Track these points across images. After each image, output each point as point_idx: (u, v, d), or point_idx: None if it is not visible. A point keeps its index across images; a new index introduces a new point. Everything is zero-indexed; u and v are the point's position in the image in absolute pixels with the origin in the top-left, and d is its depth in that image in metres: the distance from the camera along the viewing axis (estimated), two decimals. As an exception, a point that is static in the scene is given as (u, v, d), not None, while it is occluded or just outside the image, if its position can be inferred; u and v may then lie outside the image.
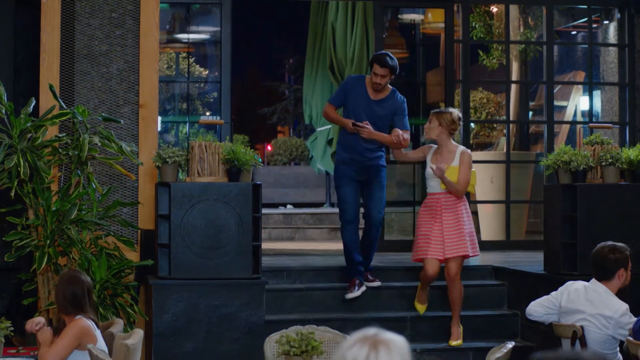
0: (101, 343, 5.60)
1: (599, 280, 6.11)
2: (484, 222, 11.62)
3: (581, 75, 12.51)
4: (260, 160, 7.94)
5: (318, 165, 14.32)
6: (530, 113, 13.17)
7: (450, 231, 7.67)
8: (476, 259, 8.85)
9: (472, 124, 12.13)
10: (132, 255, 7.99)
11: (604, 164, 7.91)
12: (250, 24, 24.38)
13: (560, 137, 12.18)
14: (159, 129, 9.12)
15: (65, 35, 8.26)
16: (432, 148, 7.87)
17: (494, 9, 12.41)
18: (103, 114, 8.03)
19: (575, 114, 12.84)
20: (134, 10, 8.36)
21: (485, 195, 11.41)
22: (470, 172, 7.75)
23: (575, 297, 6.14)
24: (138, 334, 5.70)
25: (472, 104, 11.87)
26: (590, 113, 11.76)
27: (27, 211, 7.61)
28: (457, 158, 7.71)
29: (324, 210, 16.44)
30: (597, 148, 8.01)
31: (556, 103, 11.90)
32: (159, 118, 9.12)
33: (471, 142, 11.50)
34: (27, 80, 8.54)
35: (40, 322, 5.68)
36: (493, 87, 12.98)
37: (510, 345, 5.47)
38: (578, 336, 6.02)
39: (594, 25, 11.78)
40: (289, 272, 8.53)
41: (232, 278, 7.67)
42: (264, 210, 10.20)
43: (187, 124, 11.62)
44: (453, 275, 7.74)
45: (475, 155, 7.93)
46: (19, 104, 8.01)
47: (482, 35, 12.36)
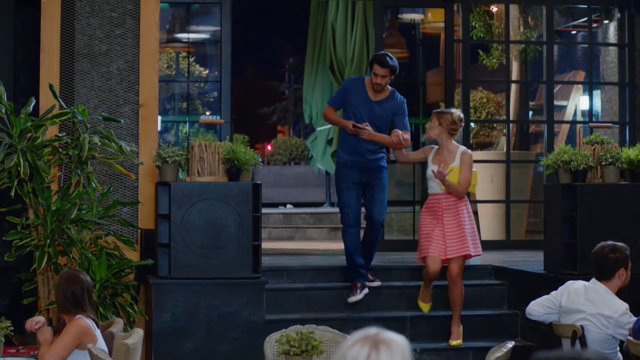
0: (101, 342, 5.60)
1: (599, 280, 6.11)
2: (484, 222, 11.61)
3: (581, 75, 12.51)
4: (260, 159, 7.94)
5: (318, 165, 14.32)
6: (530, 113, 13.16)
7: (451, 232, 7.67)
8: (477, 258, 8.84)
9: (472, 124, 12.13)
10: (132, 255, 7.99)
11: (604, 163, 7.90)
12: (250, 23, 24.36)
13: (560, 136, 12.18)
14: (159, 128, 9.12)
15: (65, 34, 8.26)
16: (434, 149, 7.86)
17: (494, 8, 12.41)
18: (103, 114, 8.03)
19: (575, 114, 12.84)
20: (134, 9, 8.36)
21: (485, 194, 11.41)
22: (471, 173, 7.74)
23: (575, 297, 6.13)
24: (138, 334, 5.70)
25: (472, 104, 11.86)
26: (590, 113, 11.76)
27: (27, 211, 7.61)
28: (458, 158, 7.71)
29: (324, 209, 16.43)
30: (597, 148, 8.01)
31: (556, 103, 11.89)
32: (159, 118, 9.12)
33: (471, 141, 11.50)
34: (27, 79, 8.54)
35: (40, 321, 5.68)
36: (493, 87, 12.98)
37: (510, 344, 5.47)
38: (578, 336, 6.01)
39: (594, 25, 11.78)
40: (289, 272, 8.53)
41: (232, 278, 7.67)
42: (264, 210, 10.19)
43: (187, 123, 11.62)
44: (455, 275, 7.74)
45: (475, 155, 7.92)
46: (19, 103, 8.01)
47: (482, 35, 12.35)
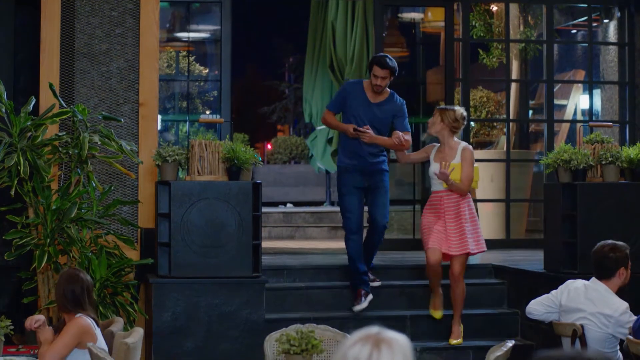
0: (101, 341, 5.60)
1: (599, 279, 6.11)
2: (484, 221, 11.59)
3: (581, 74, 12.50)
4: (260, 159, 7.94)
5: (318, 164, 14.31)
6: (530, 112, 13.16)
7: (452, 229, 7.65)
8: (477, 257, 8.85)
9: (472, 123, 12.12)
10: (132, 254, 7.99)
11: (604, 162, 7.90)
12: (250, 22, 24.35)
13: (560, 135, 12.17)
14: (159, 127, 9.12)
15: (65, 33, 8.26)
16: (435, 147, 7.85)
17: (494, 7, 12.40)
18: (103, 113, 8.03)
19: (575, 113, 12.83)
20: (134, 8, 8.35)
21: (485, 193, 11.41)
22: (473, 169, 7.72)
23: (575, 296, 6.13)
24: (138, 333, 5.70)
25: (472, 103, 11.86)
26: (590, 112, 11.75)
27: (27, 210, 7.61)
28: (459, 155, 7.70)
29: (324, 209, 16.44)
30: (597, 147, 8.01)
31: (556, 102, 11.89)
32: (159, 117, 9.12)
33: (471, 140, 11.49)
34: (27, 79, 8.54)
35: (39, 319, 5.68)
36: (493, 86, 12.97)
37: (510, 343, 5.47)
38: (578, 335, 6.01)
39: (594, 24, 11.78)
40: (289, 271, 8.53)
41: (232, 277, 7.67)
42: (264, 209, 10.19)
43: (187, 122, 11.62)
44: (457, 274, 7.73)
45: (475, 154, 7.91)
46: (19, 102, 8.01)
47: (482, 34, 12.35)
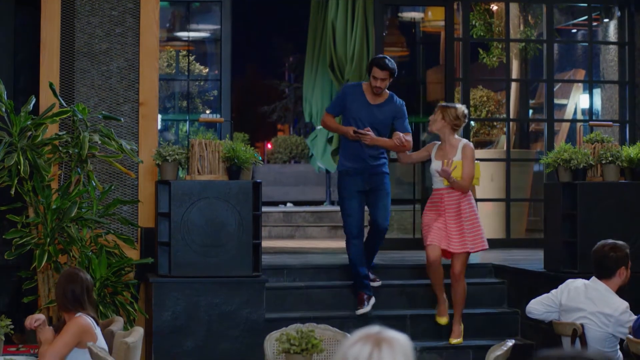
0: (101, 341, 5.60)
1: (600, 279, 6.11)
2: (485, 221, 11.54)
3: (581, 74, 12.50)
4: (260, 158, 7.93)
5: (318, 164, 14.30)
6: (531, 111, 13.16)
7: (453, 228, 7.65)
8: (477, 257, 8.85)
9: (472, 122, 12.12)
10: (132, 253, 7.98)
11: (604, 162, 7.90)
12: (250, 22, 24.35)
13: (561, 135, 12.18)
14: (159, 127, 9.12)
15: (65, 33, 8.26)
16: (436, 144, 7.84)
17: (494, 7, 12.41)
18: (103, 112, 8.03)
19: (575, 112, 12.83)
20: (134, 8, 8.35)
21: (485, 193, 11.41)
22: (474, 166, 7.70)
23: (576, 295, 6.13)
24: (138, 332, 5.70)
25: (472, 102, 11.86)
26: (590, 111, 11.75)
27: (27, 209, 7.61)
28: (460, 152, 7.69)
29: (324, 208, 16.44)
30: (597, 146, 8.00)
31: (556, 101, 11.89)
32: (159, 116, 9.12)
33: (471, 140, 11.48)
34: (27, 79, 8.54)
35: (39, 318, 5.67)
36: (493, 85, 12.97)
37: (510, 343, 5.47)
38: (578, 334, 6.01)
39: (594, 24, 11.78)
40: (289, 270, 8.53)
41: (232, 276, 7.67)
42: (264, 209, 10.20)
43: (187, 122, 11.62)
44: (457, 273, 7.72)
45: (475, 153, 7.90)
46: (19, 101, 8.01)
47: (482, 34, 12.35)
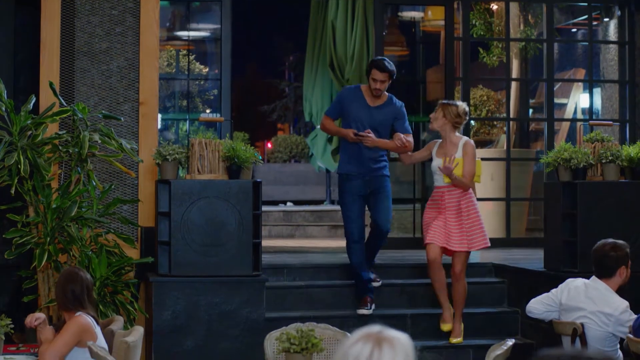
0: (101, 340, 5.60)
1: (600, 278, 6.10)
2: (484, 220, 11.59)
3: (581, 73, 12.50)
4: (260, 157, 7.93)
5: (318, 163, 14.30)
6: (531, 110, 13.16)
7: (453, 226, 7.64)
8: (477, 256, 8.84)
9: (472, 122, 12.12)
10: (132, 253, 7.98)
11: (604, 161, 7.90)
12: (250, 21, 24.34)
13: (561, 134, 12.18)
14: (159, 126, 9.12)
15: (66, 32, 8.26)
16: (437, 142, 7.84)
17: (494, 6, 12.41)
18: (103, 112, 8.03)
19: (575, 112, 12.83)
20: (134, 7, 8.35)
21: (485, 192, 11.40)
22: (475, 163, 7.70)
23: (576, 295, 6.13)
24: (138, 331, 5.70)
25: (472, 102, 11.86)
26: (590, 110, 11.75)
27: (27, 208, 7.61)
28: (461, 149, 7.69)
29: (324, 207, 16.44)
30: (598, 145, 8.00)
31: (556, 100, 11.89)
32: (159, 115, 9.12)
33: (471, 139, 11.49)
34: (27, 78, 8.54)
35: (40, 317, 5.68)
36: (493, 85, 12.97)
37: (510, 342, 5.47)
38: (578, 334, 6.01)
39: (594, 23, 11.78)
40: (289, 270, 8.53)
41: (232, 275, 7.67)
42: (264, 208, 10.20)
43: (187, 121, 11.63)
44: (458, 272, 7.72)
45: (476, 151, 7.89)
46: (19, 101, 8.01)
47: (482, 33, 12.35)
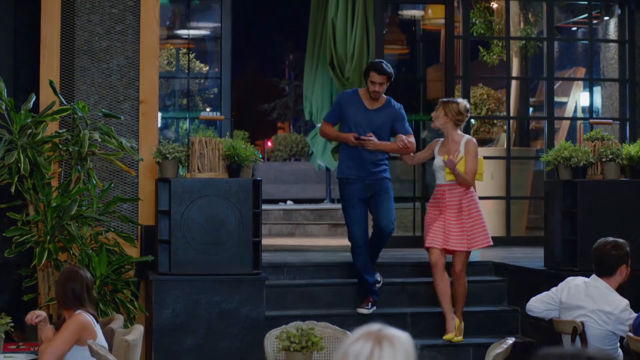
0: (101, 338, 5.60)
1: (600, 276, 6.10)
2: (484, 218, 11.59)
3: (581, 72, 12.50)
4: (260, 156, 7.93)
5: (318, 162, 14.29)
6: (531, 109, 13.16)
7: (452, 225, 7.64)
8: (477, 255, 8.83)
9: (472, 120, 12.12)
10: (132, 251, 7.98)
11: (604, 160, 7.90)
12: (250, 20, 24.33)
13: (561, 133, 12.18)
14: (159, 125, 9.12)
15: (66, 31, 8.26)
16: (439, 141, 7.84)
17: (494, 5, 12.41)
18: (103, 110, 8.03)
19: (575, 110, 12.83)
20: (134, 6, 8.35)
21: (485, 191, 11.40)
22: (477, 161, 7.69)
23: (576, 293, 6.13)
24: (138, 330, 5.70)
25: (472, 100, 11.86)
26: (590, 109, 11.75)
27: (27, 207, 7.61)
28: (463, 147, 7.68)
29: (324, 206, 16.44)
30: (598, 144, 8.00)
31: (556, 99, 11.89)
32: (159, 114, 9.12)
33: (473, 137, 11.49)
34: (27, 76, 8.54)
35: (40, 315, 5.68)
36: (493, 83, 12.97)
37: (510, 341, 5.47)
38: (578, 332, 6.01)
39: (595, 22, 11.78)
40: (289, 268, 8.53)
41: (232, 274, 7.67)
42: (264, 206, 10.19)
43: (187, 120, 11.63)
44: (458, 272, 7.72)
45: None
46: (19, 99, 8.01)
47: (482, 32, 12.35)
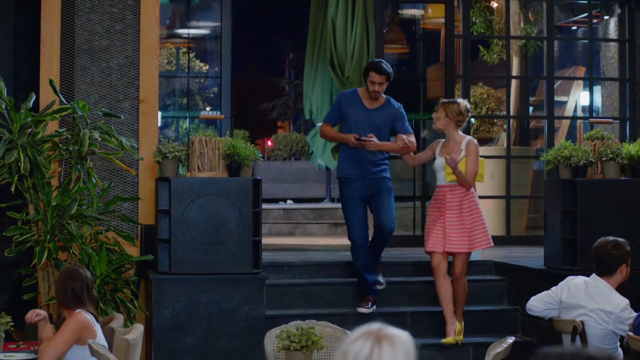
0: (101, 338, 5.60)
1: (600, 276, 6.10)
2: (485, 217, 11.59)
3: (581, 71, 12.50)
4: (260, 155, 7.93)
5: (318, 161, 14.30)
6: (531, 108, 13.16)
7: (452, 227, 7.63)
8: (477, 254, 8.83)
9: (472, 119, 12.12)
10: (132, 251, 7.98)
11: (604, 159, 7.90)
12: (250, 19, 24.31)
13: (561, 132, 12.18)
14: (159, 124, 9.11)
15: (66, 30, 8.26)
16: (440, 142, 7.83)
17: (494, 4, 12.40)
18: (103, 109, 8.02)
19: (575, 109, 12.83)
20: (134, 5, 8.35)
21: (485, 190, 11.40)
22: (478, 162, 7.68)
23: (576, 292, 6.13)
24: (138, 329, 5.70)
25: (472, 99, 11.86)
26: (590, 108, 11.75)
27: (27, 206, 7.61)
28: (464, 148, 7.67)
29: (324, 205, 16.44)
30: (598, 143, 8.00)
31: (556, 98, 11.89)
32: (159, 113, 9.12)
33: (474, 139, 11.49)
34: (27, 75, 8.53)
35: (40, 314, 5.68)
36: (493, 82, 12.96)
37: (510, 340, 5.47)
38: (578, 331, 6.01)
39: (595, 21, 11.78)
40: (289, 267, 8.53)
41: (232, 273, 7.67)
42: (264, 206, 10.19)
43: (187, 119, 11.63)
44: (458, 273, 7.71)
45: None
46: (19, 99, 8.00)
47: (482, 31, 12.35)
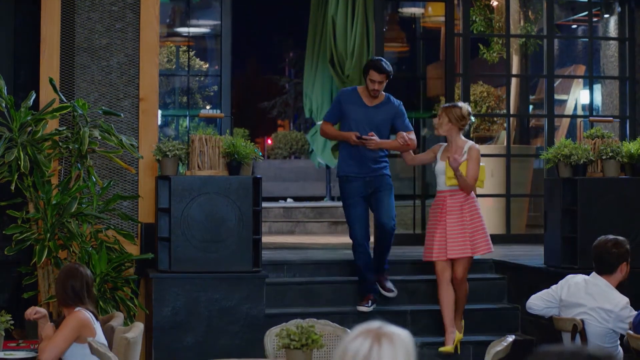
0: (100, 336, 5.60)
1: (600, 274, 6.10)
2: (485, 216, 11.58)
3: (581, 69, 12.50)
4: (260, 153, 7.93)
5: (318, 159, 14.30)
6: (531, 107, 13.16)
7: (453, 232, 7.59)
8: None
9: (472, 118, 12.12)
10: (132, 249, 7.99)
11: (604, 157, 7.90)
12: (250, 17, 24.31)
13: (561, 130, 12.18)
14: (159, 122, 9.11)
15: (66, 28, 8.25)
16: (442, 146, 7.79)
17: (495, 2, 12.40)
18: (103, 108, 8.02)
19: (575, 108, 12.83)
20: (134, 3, 8.35)
21: (485, 189, 11.37)
22: (479, 168, 7.66)
23: (576, 291, 6.13)
24: (138, 328, 5.70)
25: (472, 98, 11.86)
26: (590, 107, 11.75)
27: (27, 205, 7.61)
28: (465, 153, 7.65)
29: (324, 204, 16.44)
30: (598, 142, 8.00)
31: (556, 97, 11.89)
32: (159, 111, 9.11)
33: (471, 135, 11.48)
34: (27, 74, 8.53)
35: (40, 311, 5.68)
36: (493, 81, 12.97)
37: (510, 338, 5.47)
38: (578, 330, 6.01)
39: (595, 19, 11.77)
40: (289, 266, 8.53)
41: (232, 271, 7.67)
42: (264, 204, 10.19)
43: (188, 117, 11.62)
44: (460, 278, 7.67)
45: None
46: (19, 97, 8.00)
47: (482, 29, 12.34)
